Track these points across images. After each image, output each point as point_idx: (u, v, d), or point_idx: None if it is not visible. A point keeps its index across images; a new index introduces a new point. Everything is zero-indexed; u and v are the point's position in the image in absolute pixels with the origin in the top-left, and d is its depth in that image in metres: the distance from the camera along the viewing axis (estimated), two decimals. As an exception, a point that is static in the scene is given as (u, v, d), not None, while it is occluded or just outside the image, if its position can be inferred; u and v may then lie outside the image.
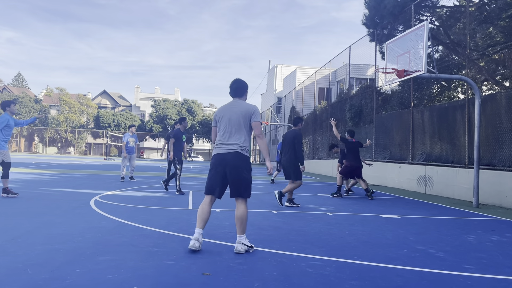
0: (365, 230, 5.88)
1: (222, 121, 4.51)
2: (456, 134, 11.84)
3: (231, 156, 4.38)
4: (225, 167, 4.37)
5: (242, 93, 4.63)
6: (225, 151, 4.41)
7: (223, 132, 4.47)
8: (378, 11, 15.96)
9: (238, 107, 4.51)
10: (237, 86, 4.61)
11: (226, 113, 4.51)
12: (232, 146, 4.40)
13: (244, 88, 4.64)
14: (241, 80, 4.65)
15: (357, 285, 3.36)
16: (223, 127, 4.49)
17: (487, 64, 14.27)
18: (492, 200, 9.81)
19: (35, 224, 5.45)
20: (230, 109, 4.52)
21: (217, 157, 4.43)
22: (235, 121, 4.45)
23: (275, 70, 45.36)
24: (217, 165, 4.41)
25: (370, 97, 17.87)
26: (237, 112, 4.47)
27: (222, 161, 4.38)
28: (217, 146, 4.50)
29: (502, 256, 4.58)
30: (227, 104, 4.61)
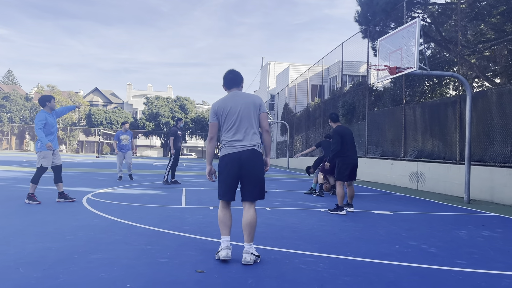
0: (358, 226, 5.91)
1: (229, 116, 3.97)
2: (447, 130, 11.93)
3: (247, 155, 3.92)
4: (240, 167, 3.91)
5: (240, 82, 4.18)
6: (240, 149, 3.92)
7: (233, 127, 3.95)
8: (371, 8, 16.00)
9: (245, 98, 4.02)
10: (234, 75, 4.15)
11: (232, 106, 3.98)
12: (247, 143, 3.93)
13: (241, 78, 4.20)
14: (237, 70, 4.27)
15: (350, 281, 3.37)
16: (231, 122, 3.96)
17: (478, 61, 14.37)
18: (483, 195, 9.90)
19: (27, 222, 5.40)
20: (236, 101, 4.00)
21: (231, 156, 3.93)
22: (246, 115, 3.97)
23: (268, 67, 45.33)
24: (231, 166, 3.93)
25: (363, 94, 17.93)
26: (245, 104, 3.99)
27: (237, 160, 3.90)
28: (228, 145, 3.96)
29: (493, 251, 4.62)
30: (229, 97, 4.08)
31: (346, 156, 7.35)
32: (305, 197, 9.56)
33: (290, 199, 9.12)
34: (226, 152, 3.98)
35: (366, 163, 16.47)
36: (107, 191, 9.37)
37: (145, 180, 13.11)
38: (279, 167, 29.01)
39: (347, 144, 7.33)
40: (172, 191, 9.85)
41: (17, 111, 58.59)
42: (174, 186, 11.17)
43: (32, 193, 7.21)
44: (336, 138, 7.26)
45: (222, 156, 4.01)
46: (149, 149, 70.74)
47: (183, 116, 60.13)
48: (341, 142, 7.24)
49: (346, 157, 7.35)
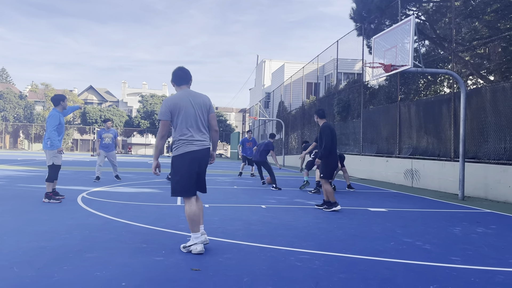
0: (353, 224, 5.93)
1: (185, 114, 4.11)
2: (442, 127, 11.98)
3: (205, 153, 4.20)
4: (199, 164, 4.17)
5: (189, 80, 4.32)
6: (199, 147, 4.13)
7: (191, 126, 4.11)
8: (366, 5, 16.01)
9: (197, 98, 4.21)
10: (184, 73, 4.27)
11: (188, 105, 4.13)
12: (204, 142, 4.19)
13: (190, 76, 4.33)
14: (186, 68, 4.34)
15: (345, 278, 3.38)
16: (189, 121, 4.11)
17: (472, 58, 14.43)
18: (478, 192, 9.96)
19: (21, 221, 5.37)
20: (189, 100, 4.15)
21: (193, 154, 4.10)
22: (200, 114, 4.18)
23: (263, 65, 45.30)
24: (194, 163, 4.11)
25: (358, 91, 17.96)
26: (198, 103, 4.19)
27: (197, 158, 4.13)
28: (189, 143, 4.10)
29: (487, 247, 4.66)
30: (182, 95, 4.19)
31: (335, 153, 7.38)
32: (301, 195, 9.58)
33: (286, 196, 9.13)
34: (188, 150, 4.10)
35: (361, 160, 16.52)
36: (102, 190, 9.33)
37: (140, 178, 13.07)
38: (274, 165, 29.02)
39: (335, 142, 7.38)
40: (168, 189, 9.84)
41: (11, 110, 58.19)
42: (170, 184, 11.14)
43: (49, 192, 7.20)
44: (327, 134, 7.24)
45: (184, 154, 4.10)
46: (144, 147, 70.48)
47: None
48: (331, 139, 7.25)
49: (335, 154, 7.38)
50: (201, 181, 4.30)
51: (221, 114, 63.45)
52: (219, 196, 8.80)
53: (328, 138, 7.21)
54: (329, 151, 7.25)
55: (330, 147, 7.23)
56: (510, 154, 9.37)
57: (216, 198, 8.41)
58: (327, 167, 7.31)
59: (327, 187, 7.24)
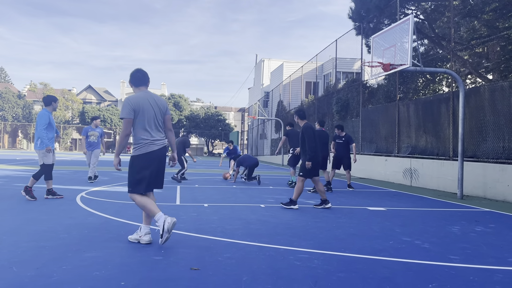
0: (352, 223, 5.93)
1: (147, 115, 4.30)
2: (440, 127, 11.99)
3: (164, 151, 4.43)
4: (159, 163, 4.37)
5: (147, 81, 4.51)
6: (159, 147, 4.36)
7: (151, 126, 4.32)
8: (364, 4, 16.01)
9: (156, 100, 4.43)
10: (142, 74, 4.47)
11: (148, 106, 4.33)
12: (162, 141, 4.41)
13: (148, 78, 4.54)
14: (144, 70, 4.54)
15: (344, 277, 3.39)
16: (150, 121, 4.31)
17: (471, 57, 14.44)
18: (476, 191, 9.98)
19: (20, 221, 5.37)
20: (149, 101, 4.35)
21: (155, 153, 4.31)
22: (158, 115, 4.40)
23: (262, 64, 45.29)
24: (155, 162, 4.32)
25: (357, 90, 17.97)
26: (157, 105, 4.40)
27: (158, 156, 4.34)
28: (151, 143, 4.29)
29: (486, 246, 4.66)
30: (142, 95, 4.37)
31: (318, 155, 7.35)
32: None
33: (285, 196, 9.13)
34: (150, 150, 4.30)
35: (360, 159, 16.53)
36: (101, 189, 9.33)
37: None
38: (273, 164, 29.04)
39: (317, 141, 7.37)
40: (167, 189, 9.83)
41: (10, 109, 58.07)
42: (169, 184, 11.14)
43: (30, 186, 7.34)
44: (310, 135, 7.21)
45: (146, 154, 4.28)
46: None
47: (177, 113, 59.93)
48: (315, 140, 7.23)
49: (318, 156, 7.35)
50: (160, 178, 4.46)
51: (220, 113, 63.43)
52: (218, 196, 8.80)
53: (311, 139, 7.19)
54: (315, 152, 7.23)
55: (315, 148, 7.23)
56: (509, 153, 9.38)
57: (215, 198, 8.41)
58: (309, 168, 7.24)
59: (300, 185, 7.23)
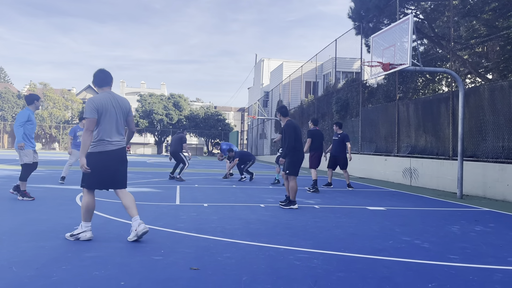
0: (352, 222, 5.93)
1: (109, 115, 4.40)
2: (440, 126, 11.99)
3: (123, 152, 4.54)
4: (118, 162, 4.48)
5: (110, 82, 4.59)
6: (117, 147, 4.46)
7: (112, 126, 4.42)
8: (364, 4, 16.01)
9: (120, 101, 4.53)
10: (105, 75, 4.55)
11: (111, 107, 4.43)
12: (121, 142, 4.52)
13: (111, 78, 4.60)
14: (107, 70, 4.60)
15: (344, 276, 3.39)
16: (111, 122, 4.41)
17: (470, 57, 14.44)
18: (476, 191, 9.98)
19: (20, 221, 5.37)
20: (112, 103, 4.46)
21: (112, 153, 4.41)
22: (121, 116, 4.52)
23: (262, 64, 45.27)
24: (112, 162, 4.42)
25: (356, 90, 17.97)
26: (120, 107, 4.52)
27: (117, 157, 4.46)
28: (109, 143, 4.39)
29: (486, 245, 4.67)
30: (107, 96, 4.47)
31: (299, 150, 7.40)
32: (300, 194, 9.57)
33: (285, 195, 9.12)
34: (107, 149, 4.40)
35: (360, 159, 16.53)
36: (100, 189, 9.31)
37: (139, 177, 13.06)
38: (273, 164, 29.03)
39: (299, 139, 7.41)
40: (166, 189, 9.84)
41: (9, 109, 58.04)
42: (169, 183, 11.14)
43: (24, 190, 7.28)
44: (291, 132, 7.28)
45: (102, 152, 4.37)
46: (143, 147, 70.43)
47: (177, 113, 59.89)
48: (295, 137, 7.26)
49: (300, 152, 7.40)
50: (121, 177, 4.55)
51: (219, 113, 63.42)
52: (217, 195, 8.80)
53: (291, 136, 7.26)
54: (293, 149, 7.31)
55: (294, 145, 7.29)
56: (508, 153, 9.38)
57: (215, 197, 8.41)
58: (293, 165, 7.35)
59: (293, 184, 7.30)
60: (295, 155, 7.35)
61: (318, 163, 10.39)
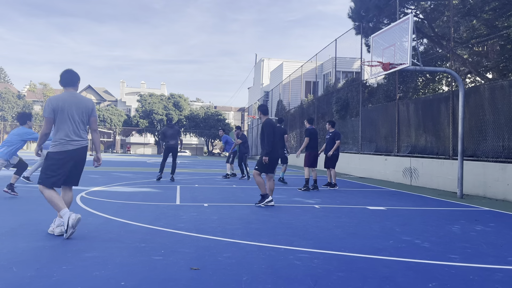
0: (352, 222, 5.93)
1: (65, 114, 4.48)
2: (440, 126, 11.99)
3: (82, 151, 4.59)
4: (75, 161, 4.56)
5: (76, 82, 4.67)
6: (76, 146, 4.53)
7: (70, 126, 4.50)
8: (364, 4, 16.00)
9: (81, 101, 4.60)
10: (70, 75, 4.64)
11: (69, 106, 4.50)
12: (82, 142, 4.59)
13: (77, 78, 4.69)
14: (74, 70, 4.72)
15: (344, 276, 3.39)
16: (68, 121, 4.49)
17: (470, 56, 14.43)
18: (476, 190, 9.98)
19: (20, 221, 5.37)
20: (72, 102, 4.54)
21: (69, 153, 4.49)
22: (81, 116, 4.58)
23: (262, 63, 45.26)
24: (68, 161, 4.49)
25: (356, 90, 17.96)
26: (81, 107, 4.58)
27: (74, 156, 4.53)
28: (67, 143, 4.48)
29: (486, 245, 4.66)
30: (66, 95, 4.56)
31: (275, 149, 7.45)
32: (300, 194, 9.58)
33: (285, 195, 9.14)
34: (65, 149, 4.49)
35: (360, 159, 16.53)
36: (101, 189, 9.32)
37: (139, 177, 13.06)
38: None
39: (276, 137, 7.46)
40: (167, 189, 9.84)
41: (9, 109, 58.04)
42: (169, 183, 11.14)
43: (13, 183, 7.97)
44: (270, 131, 7.34)
45: (60, 152, 4.48)
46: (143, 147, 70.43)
47: (177, 113, 59.90)
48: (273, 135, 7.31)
49: (274, 151, 7.44)
50: (76, 176, 4.67)
51: (220, 113, 63.42)
52: (218, 195, 8.80)
53: (270, 135, 7.33)
54: (272, 147, 7.36)
55: (273, 144, 7.35)
56: (509, 152, 9.38)
57: (215, 197, 8.41)
58: (263, 163, 7.40)
59: (259, 179, 7.36)
60: (268, 153, 7.40)
61: (314, 162, 10.41)
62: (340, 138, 11.20)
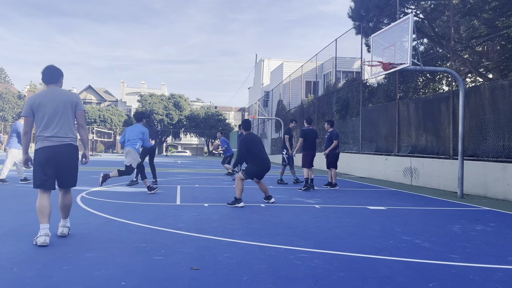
0: (353, 222, 5.93)
1: (45, 111, 4.28)
2: (441, 126, 11.98)
3: (64, 148, 4.33)
4: (57, 160, 4.30)
5: (57, 79, 4.46)
6: (56, 143, 4.29)
7: (49, 123, 4.29)
8: (364, 3, 16.00)
9: (62, 96, 4.36)
10: (50, 71, 4.42)
11: (48, 103, 4.30)
12: (63, 138, 4.33)
13: (59, 74, 4.48)
14: (56, 66, 4.51)
15: (345, 276, 3.39)
16: (47, 118, 4.28)
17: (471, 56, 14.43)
18: (477, 190, 9.97)
19: (21, 221, 5.37)
20: (52, 98, 4.32)
21: (48, 150, 4.27)
22: (63, 111, 4.33)
23: (262, 63, 45.25)
24: (48, 159, 4.26)
25: (357, 90, 17.96)
26: (62, 101, 4.34)
27: (55, 154, 4.28)
28: (45, 139, 4.28)
29: (486, 245, 4.66)
30: (46, 92, 4.37)
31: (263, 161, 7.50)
32: (300, 194, 9.58)
33: (285, 195, 9.14)
34: (42, 146, 4.30)
35: (360, 159, 16.53)
36: (101, 189, 9.33)
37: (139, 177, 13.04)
38: (274, 164, 29.04)
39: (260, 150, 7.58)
40: (167, 189, 9.84)
41: (10, 110, 58.07)
42: (169, 183, 11.14)
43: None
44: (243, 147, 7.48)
45: (39, 149, 4.32)
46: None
47: (177, 113, 59.90)
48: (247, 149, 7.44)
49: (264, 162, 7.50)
50: (62, 176, 4.40)
51: (220, 113, 63.43)
52: (218, 195, 8.80)
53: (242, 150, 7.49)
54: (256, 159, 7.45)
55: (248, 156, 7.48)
56: (509, 152, 9.37)
57: (215, 197, 8.41)
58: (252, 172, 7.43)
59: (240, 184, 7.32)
60: (258, 165, 7.45)
61: (310, 162, 10.42)
62: (337, 138, 11.16)
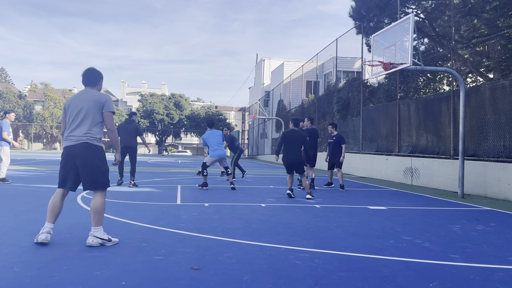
0: (353, 222, 5.93)
1: (71, 111, 4.35)
2: (441, 125, 11.98)
3: (80, 148, 4.24)
4: (75, 159, 4.25)
5: (95, 82, 4.49)
6: (73, 142, 4.27)
7: (72, 122, 4.33)
8: (365, 3, 16.00)
9: (89, 96, 4.38)
10: (90, 74, 4.48)
11: (76, 103, 4.36)
12: (81, 137, 4.26)
13: (97, 77, 4.51)
14: (95, 69, 4.55)
15: (345, 276, 3.39)
16: (72, 118, 4.33)
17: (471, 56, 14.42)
18: (477, 190, 9.97)
19: (21, 221, 5.38)
20: (80, 98, 4.38)
21: (67, 149, 4.30)
22: (85, 111, 4.31)
23: (263, 63, 45.26)
24: (67, 158, 4.28)
25: (357, 89, 17.96)
26: (87, 101, 4.34)
27: (72, 153, 4.25)
28: (66, 139, 4.34)
29: (487, 245, 4.66)
30: (78, 93, 4.47)
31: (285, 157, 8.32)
32: (300, 193, 9.57)
33: (285, 195, 9.13)
34: (64, 145, 4.38)
35: (361, 158, 16.52)
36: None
37: (140, 177, 13.06)
38: (274, 164, 29.02)
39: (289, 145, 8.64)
40: (167, 189, 9.85)
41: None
42: (169, 183, 11.14)
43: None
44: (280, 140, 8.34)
45: (63, 148, 4.41)
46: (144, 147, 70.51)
47: (178, 113, 59.92)
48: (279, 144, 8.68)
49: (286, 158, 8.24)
50: (82, 176, 4.28)
51: (220, 113, 63.43)
52: (218, 195, 8.80)
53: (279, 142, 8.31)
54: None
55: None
56: (510, 152, 9.37)
57: (216, 197, 8.41)
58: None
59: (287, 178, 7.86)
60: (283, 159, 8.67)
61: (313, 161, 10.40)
62: (345, 141, 11.04)
